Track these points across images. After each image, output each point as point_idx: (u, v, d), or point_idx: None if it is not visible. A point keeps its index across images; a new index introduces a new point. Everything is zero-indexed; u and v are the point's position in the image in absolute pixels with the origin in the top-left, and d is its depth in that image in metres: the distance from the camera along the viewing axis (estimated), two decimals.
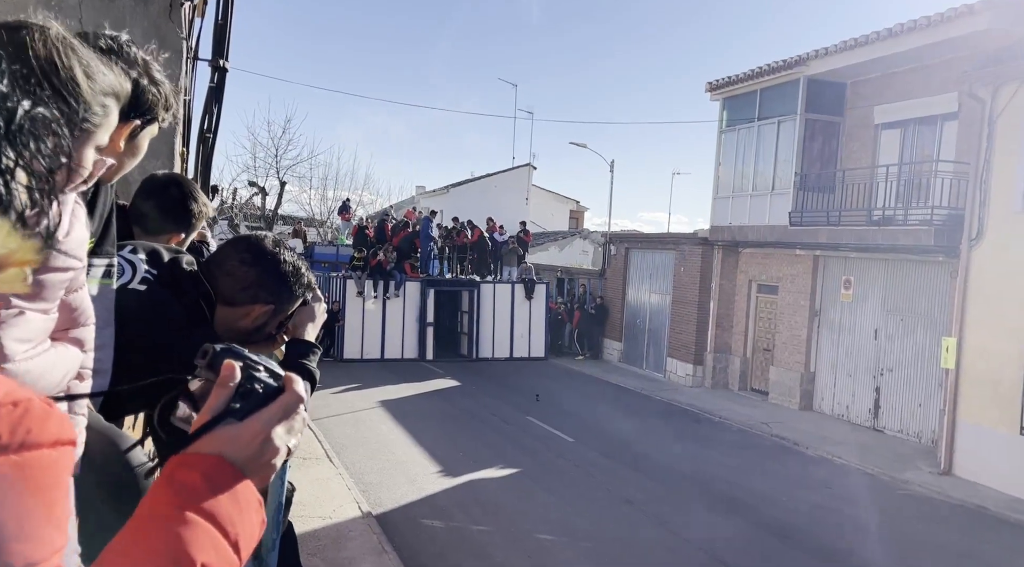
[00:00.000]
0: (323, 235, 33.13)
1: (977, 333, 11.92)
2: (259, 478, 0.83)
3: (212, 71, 3.26)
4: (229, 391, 0.84)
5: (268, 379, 0.87)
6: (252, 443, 0.82)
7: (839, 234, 14.82)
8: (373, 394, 16.70)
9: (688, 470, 11.83)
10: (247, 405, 0.84)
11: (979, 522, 10.19)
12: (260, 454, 0.83)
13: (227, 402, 0.83)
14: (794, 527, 9.50)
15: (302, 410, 0.89)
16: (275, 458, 0.85)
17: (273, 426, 0.84)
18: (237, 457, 0.80)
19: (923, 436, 13.91)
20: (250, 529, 0.79)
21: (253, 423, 0.83)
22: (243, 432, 0.82)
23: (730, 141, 18.50)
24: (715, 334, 18.98)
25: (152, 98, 1.47)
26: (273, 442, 0.84)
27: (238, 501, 0.78)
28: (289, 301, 1.87)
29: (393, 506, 9.70)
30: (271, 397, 0.86)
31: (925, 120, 14.37)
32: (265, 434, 0.83)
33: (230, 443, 0.81)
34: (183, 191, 2.35)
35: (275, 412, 0.85)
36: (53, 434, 0.64)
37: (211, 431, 0.81)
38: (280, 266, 1.82)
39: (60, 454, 0.64)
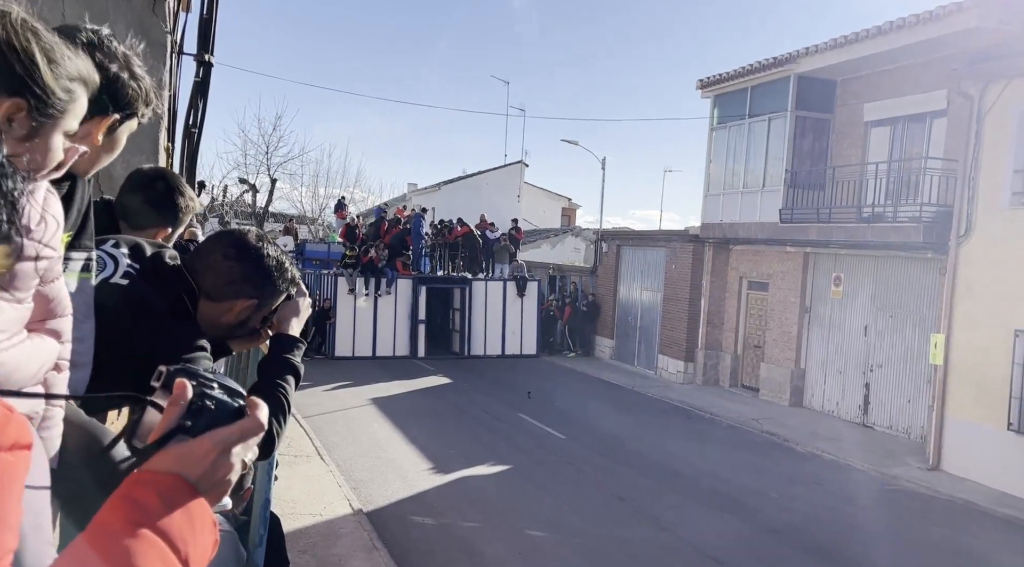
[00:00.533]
0: (314, 233, 33.04)
1: (965, 329, 12.00)
2: (214, 494, 0.84)
3: (197, 66, 3.24)
4: (180, 409, 0.84)
5: (222, 396, 0.87)
6: (205, 460, 0.82)
7: (829, 231, 14.88)
8: (364, 392, 16.68)
9: (679, 466, 11.87)
10: (199, 422, 0.84)
11: (967, 517, 10.27)
12: (214, 471, 0.83)
13: (178, 419, 0.84)
14: (784, 523, 9.55)
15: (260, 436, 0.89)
16: (230, 474, 0.85)
17: (229, 445, 0.84)
18: (190, 474, 0.81)
19: (912, 432, 13.99)
20: (202, 548, 0.79)
21: (205, 441, 0.83)
22: (195, 449, 0.82)
23: (721, 138, 18.54)
24: (706, 331, 19.03)
25: (132, 93, 1.46)
26: (228, 459, 0.84)
27: (191, 519, 0.78)
28: (273, 295, 1.86)
29: (384, 503, 9.69)
30: (227, 415, 0.86)
31: (914, 117, 14.44)
32: (217, 451, 0.83)
33: (182, 459, 0.81)
34: (169, 185, 2.34)
35: (231, 433, 0.85)
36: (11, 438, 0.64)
37: (163, 447, 0.82)
38: (264, 260, 1.81)
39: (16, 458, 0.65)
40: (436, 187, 34.75)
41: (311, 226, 34.69)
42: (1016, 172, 11.46)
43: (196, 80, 3.27)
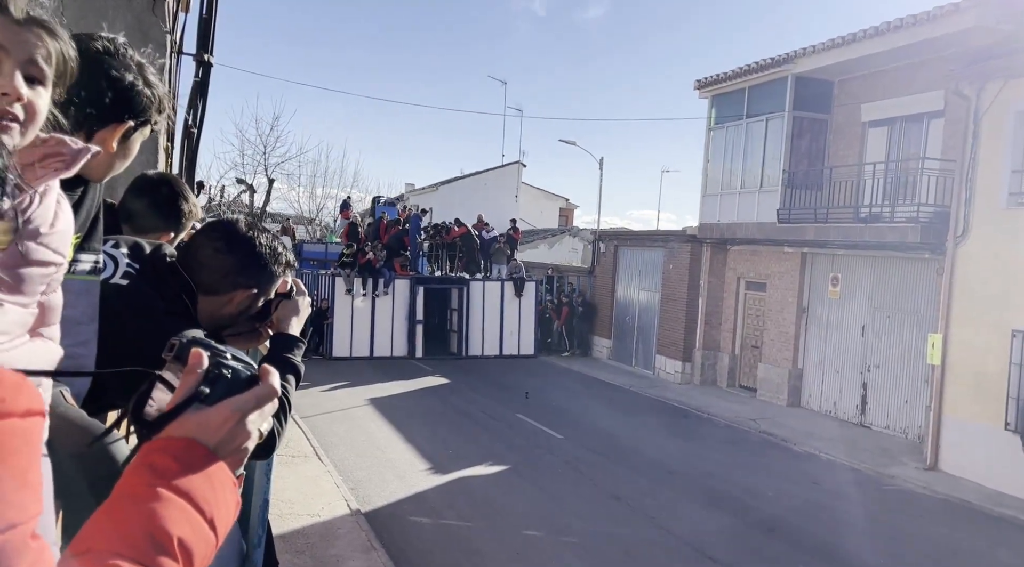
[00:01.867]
0: (312, 233, 33.02)
1: (962, 329, 12.02)
2: (231, 461, 0.84)
3: (196, 66, 3.24)
4: (197, 377, 0.85)
5: (236, 365, 0.89)
6: (223, 427, 0.83)
7: (827, 231, 14.90)
8: (362, 392, 16.67)
9: (677, 466, 11.88)
10: (216, 390, 0.85)
11: (964, 516, 10.29)
12: (231, 438, 0.84)
13: (195, 387, 0.84)
14: (782, 522, 9.56)
15: (275, 401, 0.90)
16: (247, 442, 0.86)
17: (245, 412, 0.85)
18: (208, 440, 0.81)
19: (909, 432, 14.02)
20: (225, 508, 0.80)
21: (223, 408, 0.84)
22: (212, 416, 0.83)
23: (719, 139, 18.56)
24: (704, 331, 19.05)
25: (147, 101, 1.47)
26: (245, 426, 0.85)
27: (211, 481, 0.79)
28: (270, 282, 1.86)
29: (382, 503, 9.69)
30: (241, 383, 0.87)
31: (911, 118, 14.47)
32: (235, 418, 0.84)
33: (200, 427, 0.82)
34: (174, 190, 2.35)
35: (248, 400, 0.86)
36: (24, 404, 0.65)
37: (180, 416, 0.82)
38: (256, 248, 1.81)
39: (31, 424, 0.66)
40: (434, 187, 34.77)
41: (308, 226, 34.68)
42: (1013, 172, 11.48)
43: (196, 80, 3.27)
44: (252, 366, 0.91)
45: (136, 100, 1.45)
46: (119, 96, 1.39)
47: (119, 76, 1.41)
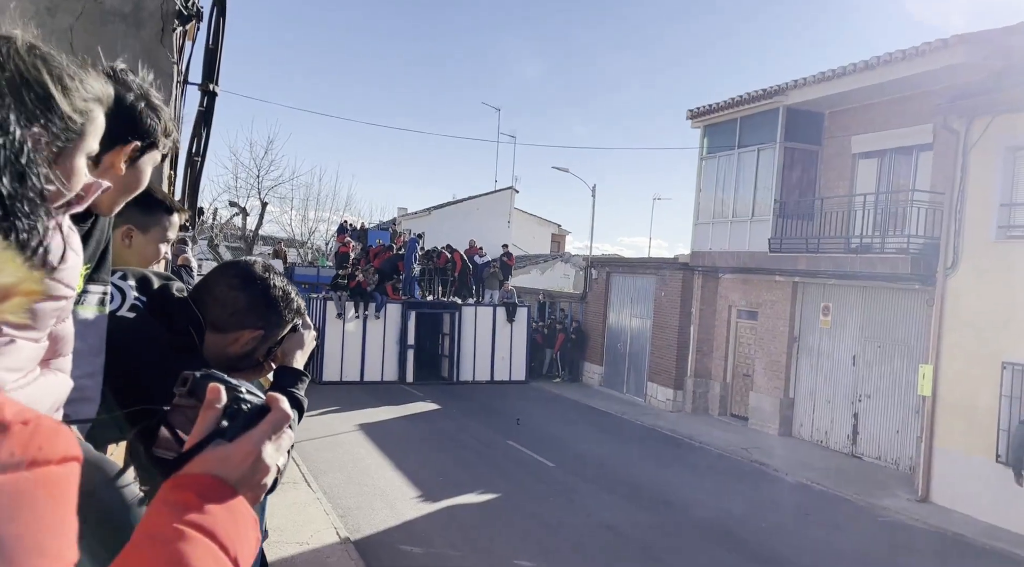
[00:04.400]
0: (303, 256, 32.97)
1: (953, 360, 12.07)
2: (251, 496, 0.84)
3: (202, 95, 3.25)
4: (216, 412, 0.85)
5: (251, 398, 0.89)
6: (244, 462, 0.83)
7: (818, 261, 14.99)
8: (352, 417, 16.54)
9: (669, 496, 11.81)
10: (235, 425, 0.85)
11: (957, 550, 10.25)
12: (252, 473, 0.84)
13: (215, 423, 0.84)
14: (774, 554, 9.49)
15: (288, 428, 0.90)
16: (266, 477, 0.86)
17: (262, 444, 0.85)
18: (229, 476, 0.81)
19: (901, 463, 14.00)
20: (248, 546, 0.80)
21: (243, 443, 0.84)
22: (234, 452, 0.83)
23: (711, 168, 18.72)
24: (695, 359, 19.05)
25: (151, 122, 1.47)
26: (264, 461, 0.85)
27: (235, 518, 0.79)
28: (279, 326, 1.85)
29: (371, 531, 9.57)
30: (257, 416, 0.87)
31: (901, 150, 14.65)
32: (256, 453, 0.84)
33: (221, 463, 0.82)
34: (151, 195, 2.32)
35: (264, 430, 0.86)
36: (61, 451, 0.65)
37: (201, 452, 0.82)
38: (270, 291, 1.81)
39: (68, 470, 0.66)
40: (426, 212, 34.83)
41: (300, 249, 34.62)
42: (1002, 206, 11.61)
43: (200, 109, 3.28)
44: (261, 396, 0.91)
45: (140, 121, 1.44)
46: (123, 117, 1.39)
47: (121, 96, 1.40)
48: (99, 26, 2.43)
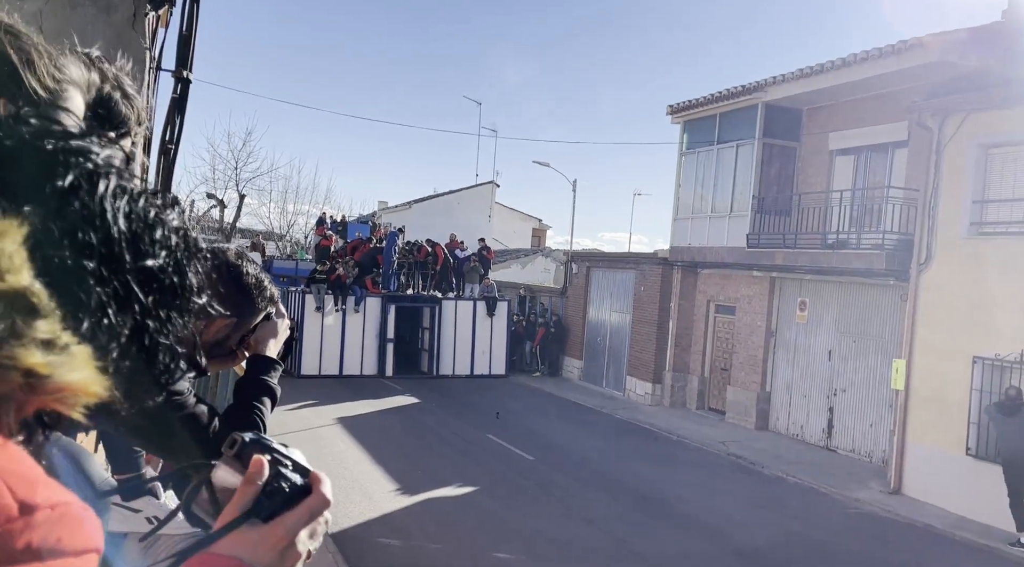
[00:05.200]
0: (282, 249, 32.73)
1: (925, 355, 12.26)
2: None
3: (175, 82, 3.22)
4: (256, 489, 0.79)
5: (294, 476, 0.83)
6: (275, 548, 0.78)
7: (795, 256, 15.14)
8: (330, 411, 16.48)
9: (646, 489, 11.90)
10: (273, 504, 0.79)
11: (927, 541, 10.43)
12: (281, 560, 0.78)
13: (253, 500, 0.79)
14: (749, 546, 9.61)
15: (327, 514, 0.85)
16: (296, 564, 0.80)
17: (298, 531, 0.79)
18: (257, 561, 0.76)
19: (874, 456, 14.21)
20: None
21: (277, 527, 0.78)
22: (267, 536, 0.78)
23: (690, 163, 18.83)
24: (674, 353, 19.18)
25: (126, 111, 1.45)
26: (296, 548, 0.79)
27: None
28: (252, 314, 1.84)
29: (349, 525, 9.56)
30: (298, 497, 0.82)
31: (877, 147, 14.83)
32: (289, 539, 0.78)
33: (252, 547, 0.77)
34: None
35: (301, 515, 0.80)
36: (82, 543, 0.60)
37: (234, 530, 0.77)
38: (243, 278, 1.80)
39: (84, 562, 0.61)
40: (407, 205, 34.74)
41: (279, 242, 34.38)
42: (975, 203, 11.80)
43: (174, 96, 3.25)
44: (307, 472, 0.85)
45: (114, 111, 1.43)
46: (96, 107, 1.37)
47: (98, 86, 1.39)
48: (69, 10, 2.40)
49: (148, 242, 0.61)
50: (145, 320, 0.61)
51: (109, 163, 0.60)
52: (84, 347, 0.56)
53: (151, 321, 0.62)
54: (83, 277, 0.56)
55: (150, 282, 0.61)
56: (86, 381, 0.57)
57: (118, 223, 0.59)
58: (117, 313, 0.59)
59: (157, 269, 0.62)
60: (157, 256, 0.62)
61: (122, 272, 0.59)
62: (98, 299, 0.57)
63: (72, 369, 0.56)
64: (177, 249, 0.64)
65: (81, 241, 0.56)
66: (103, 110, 1.37)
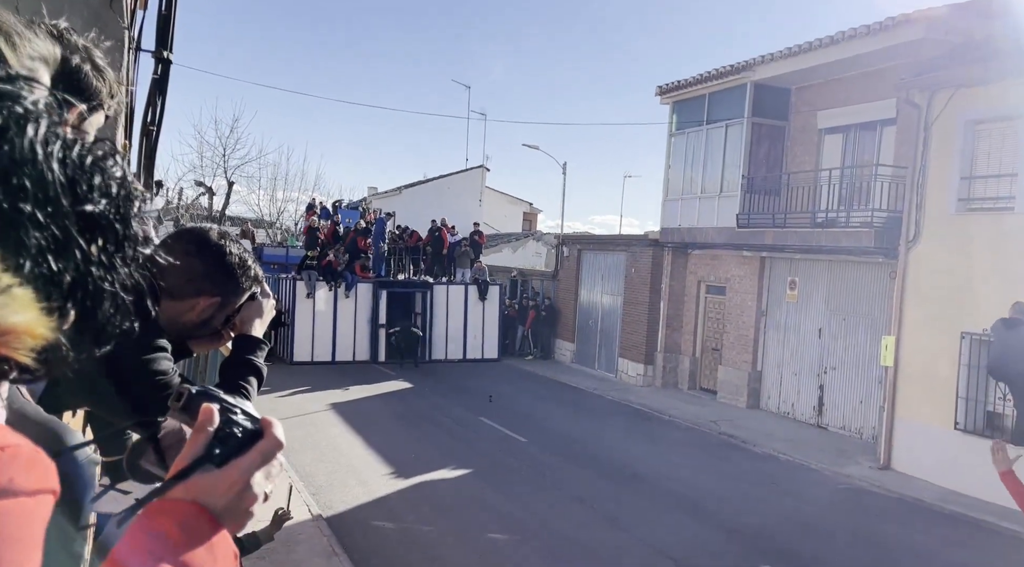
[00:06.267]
0: (272, 236, 32.62)
1: (914, 332, 12.34)
2: (235, 525, 0.81)
3: (155, 63, 3.18)
4: (207, 436, 0.81)
5: (246, 422, 0.85)
6: (230, 491, 0.79)
7: (784, 236, 15.18)
8: (323, 397, 16.50)
9: (639, 468, 11.98)
10: (225, 450, 0.81)
11: (916, 514, 10.55)
12: (238, 502, 0.80)
13: (205, 448, 0.81)
14: (741, 523, 9.70)
15: (280, 456, 0.87)
16: (252, 505, 0.82)
17: (252, 473, 0.82)
18: (215, 505, 0.78)
19: (864, 432, 14.34)
20: None
21: (232, 470, 0.80)
22: (222, 479, 0.79)
23: (680, 144, 18.80)
24: (665, 334, 19.26)
25: (96, 84, 1.43)
26: (251, 490, 0.82)
27: (214, 553, 0.76)
28: (236, 293, 1.83)
29: (343, 508, 9.61)
30: (249, 442, 0.84)
31: (865, 125, 14.84)
32: (243, 482, 0.80)
33: (208, 491, 0.78)
34: None
35: (254, 458, 0.83)
36: (35, 483, 0.61)
37: (189, 477, 0.79)
38: (226, 257, 1.79)
39: (38, 503, 0.62)
40: (397, 191, 34.60)
41: (269, 230, 34.25)
42: (962, 179, 11.84)
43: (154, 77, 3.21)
44: (257, 419, 0.87)
45: (84, 83, 1.40)
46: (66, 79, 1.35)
47: (66, 58, 1.37)
48: None
49: (86, 188, 0.61)
50: (88, 267, 0.61)
51: (39, 108, 0.60)
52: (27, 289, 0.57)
53: (94, 267, 0.62)
54: (19, 220, 0.56)
55: (91, 229, 0.61)
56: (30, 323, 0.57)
57: (52, 167, 0.58)
58: (58, 258, 0.59)
59: (98, 215, 0.62)
60: (97, 203, 0.62)
61: (60, 217, 0.59)
62: (37, 243, 0.57)
63: (15, 311, 0.56)
64: (118, 197, 0.64)
65: (14, 185, 0.56)
66: (72, 82, 1.35)
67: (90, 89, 1.41)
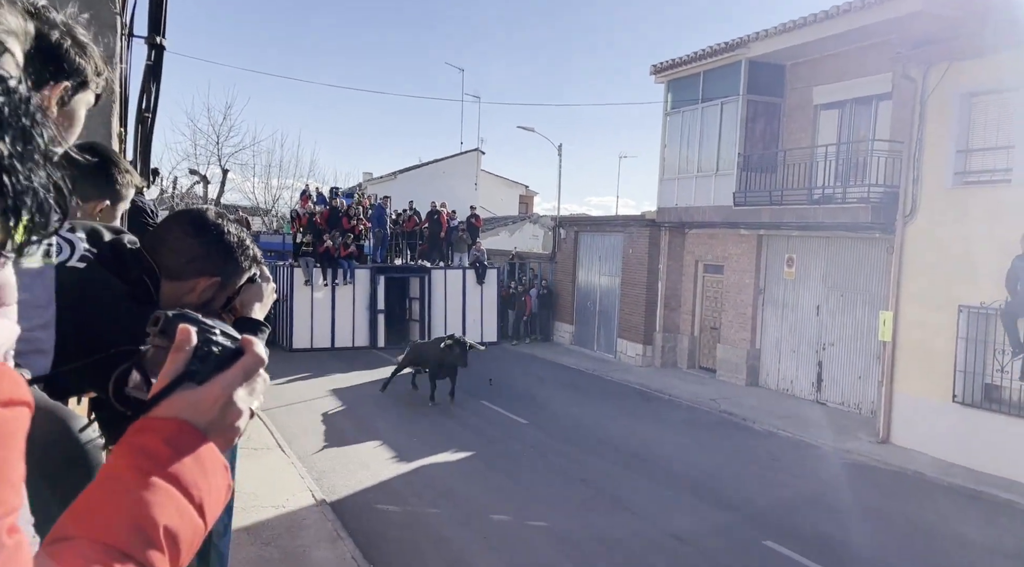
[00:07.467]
0: (268, 224, 32.54)
1: (912, 306, 12.38)
2: (222, 441, 0.81)
3: (149, 49, 3.15)
4: (186, 355, 0.82)
5: (225, 341, 0.86)
6: (213, 406, 0.80)
7: (781, 213, 15.17)
8: (324, 383, 16.54)
9: (639, 448, 12.05)
10: (205, 368, 0.82)
11: (916, 487, 10.64)
12: (222, 417, 0.81)
13: (184, 366, 0.81)
14: (742, 499, 9.77)
15: (263, 372, 0.87)
16: (238, 420, 0.83)
17: (234, 388, 0.82)
18: (199, 421, 0.79)
19: (863, 407, 14.41)
20: (216, 493, 0.78)
21: (213, 386, 0.81)
22: (204, 395, 0.80)
23: (675, 123, 18.74)
24: (664, 314, 19.29)
25: (79, 60, 1.40)
26: (236, 404, 0.82)
27: (202, 464, 0.76)
28: (236, 273, 1.83)
29: (347, 493, 9.66)
30: (230, 359, 0.84)
31: (861, 100, 14.78)
32: (226, 397, 0.81)
33: (190, 407, 0.79)
34: (100, 154, 2.28)
35: (236, 374, 0.83)
36: (6, 393, 0.62)
37: (170, 395, 0.80)
38: (224, 237, 1.79)
39: (14, 414, 0.62)
40: (392, 176, 34.45)
41: (264, 217, 34.15)
42: (958, 152, 11.82)
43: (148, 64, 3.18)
44: (236, 338, 0.88)
45: (67, 58, 1.38)
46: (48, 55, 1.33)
47: (44, 34, 1.34)
48: None
49: None
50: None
51: None
52: None
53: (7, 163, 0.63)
54: None
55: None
56: None
57: None
58: None
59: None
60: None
61: None
62: None
63: None
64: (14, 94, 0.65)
65: None
66: (52, 58, 1.32)
67: (72, 65, 1.38)
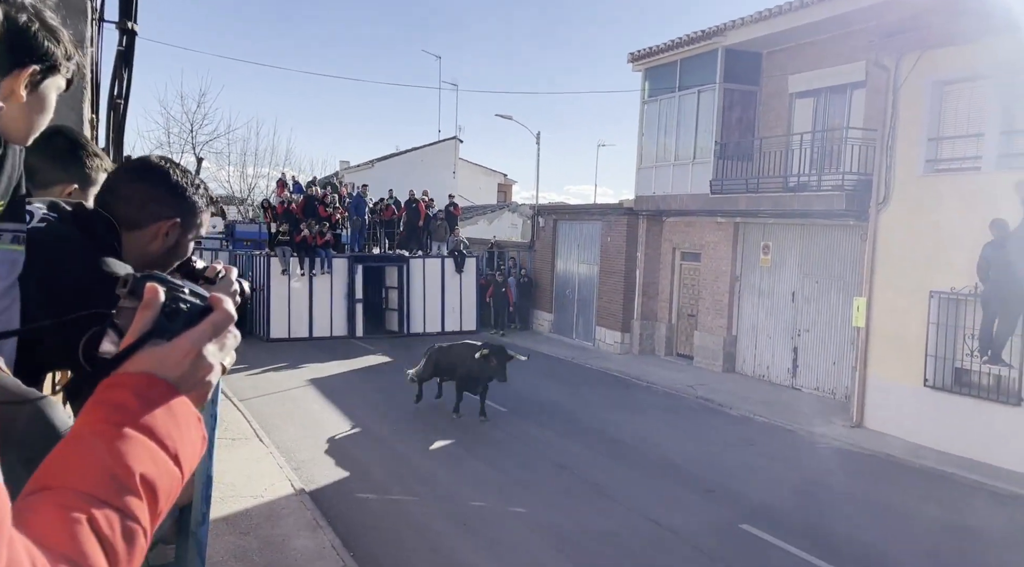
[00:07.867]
0: (244, 213, 32.24)
1: (885, 293, 12.57)
2: (195, 395, 0.82)
3: (120, 34, 3.11)
4: (154, 312, 0.83)
5: (193, 299, 0.87)
6: (183, 361, 0.81)
7: (757, 201, 15.31)
8: (302, 373, 16.47)
9: (619, 434, 12.15)
10: (174, 325, 0.83)
11: (888, 469, 10.84)
12: (193, 371, 0.82)
13: (152, 323, 0.82)
14: (719, 484, 9.90)
15: (233, 327, 0.88)
16: (209, 374, 0.84)
17: (204, 343, 0.83)
18: (169, 375, 0.79)
19: (837, 392, 14.64)
20: (191, 444, 0.79)
21: (182, 341, 0.82)
22: (173, 351, 0.81)
23: (652, 112, 18.80)
24: (641, 302, 19.41)
25: (48, 43, 1.38)
26: (206, 359, 0.83)
27: (175, 415, 0.77)
28: (193, 212, 1.81)
29: (326, 482, 9.65)
30: (198, 316, 0.85)
31: (835, 89, 14.92)
32: (196, 351, 0.82)
33: (159, 362, 0.80)
34: (68, 138, 2.26)
35: (205, 329, 0.84)
36: None
37: (138, 352, 0.80)
38: (170, 176, 1.78)
39: None
40: (369, 164, 34.24)
41: (240, 207, 33.82)
42: (930, 140, 11.99)
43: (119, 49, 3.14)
44: (204, 296, 0.89)
45: (35, 42, 1.36)
46: (14, 39, 1.31)
47: (12, 17, 1.33)
48: None
49: None
50: None
51: None
52: None
53: None
54: None
55: None
56: None
57: None
58: None
59: None
60: None
61: None
62: None
63: None
64: None
65: None
66: (20, 41, 1.30)
67: (41, 49, 1.36)
